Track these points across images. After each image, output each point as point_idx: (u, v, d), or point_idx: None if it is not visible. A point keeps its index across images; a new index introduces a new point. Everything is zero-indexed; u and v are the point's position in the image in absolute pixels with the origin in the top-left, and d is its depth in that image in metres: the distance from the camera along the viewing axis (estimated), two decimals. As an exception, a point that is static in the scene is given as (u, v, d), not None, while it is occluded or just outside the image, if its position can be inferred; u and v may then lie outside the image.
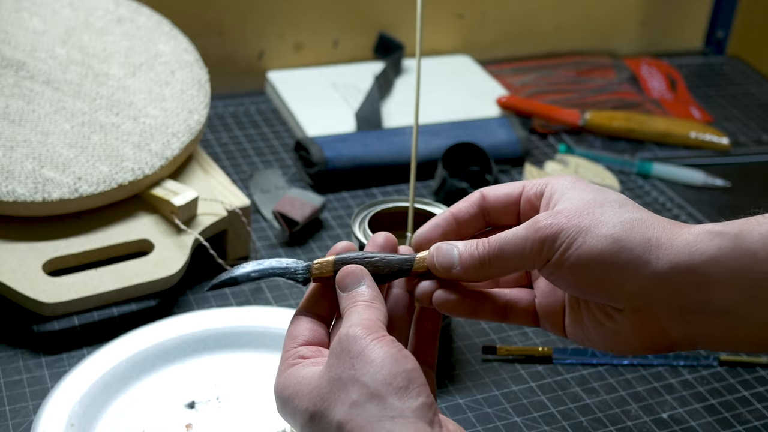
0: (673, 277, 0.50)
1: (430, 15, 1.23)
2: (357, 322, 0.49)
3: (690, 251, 0.50)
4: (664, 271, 0.50)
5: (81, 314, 0.75)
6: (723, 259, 0.50)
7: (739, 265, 0.50)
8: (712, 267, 0.50)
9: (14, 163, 0.76)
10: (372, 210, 0.73)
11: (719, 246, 0.50)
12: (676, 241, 0.51)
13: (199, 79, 0.88)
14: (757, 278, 0.50)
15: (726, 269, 0.50)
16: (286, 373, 0.52)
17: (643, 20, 1.36)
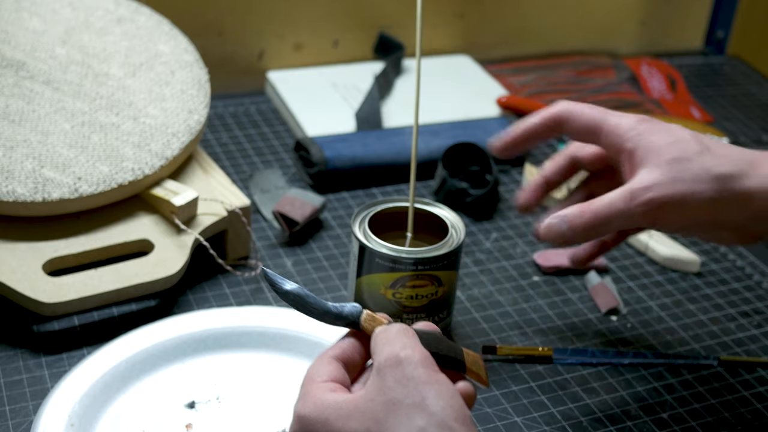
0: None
1: (430, 15, 1.23)
2: (413, 348, 0.50)
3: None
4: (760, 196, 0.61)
5: (81, 314, 0.75)
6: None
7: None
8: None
9: (14, 163, 0.76)
10: (372, 210, 0.73)
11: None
12: (760, 171, 0.61)
13: (199, 79, 0.88)
14: None
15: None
16: (318, 397, 0.51)
17: (643, 20, 1.35)
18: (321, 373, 0.52)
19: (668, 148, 0.63)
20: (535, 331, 0.78)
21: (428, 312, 0.72)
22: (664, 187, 0.61)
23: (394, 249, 0.70)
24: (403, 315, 0.71)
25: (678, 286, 0.86)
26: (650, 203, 0.62)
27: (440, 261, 0.70)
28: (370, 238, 0.71)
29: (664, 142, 0.63)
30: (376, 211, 0.73)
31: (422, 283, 0.70)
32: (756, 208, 0.61)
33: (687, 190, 0.61)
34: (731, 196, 0.61)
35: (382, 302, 0.71)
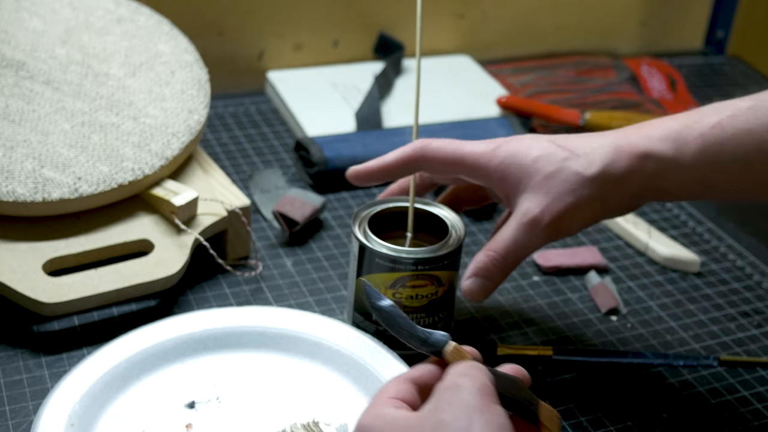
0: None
1: (430, 15, 1.23)
2: (474, 377, 0.51)
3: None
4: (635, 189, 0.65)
5: (81, 314, 0.75)
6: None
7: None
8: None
9: (14, 163, 0.76)
10: (372, 210, 0.73)
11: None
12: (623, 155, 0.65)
13: (199, 79, 0.88)
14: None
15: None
16: (378, 410, 0.52)
17: (643, 20, 1.36)
18: (390, 390, 0.53)
19: (537, 165, 0.65)
20: (535, 331, 0.78)
21: (428, 312, 0.72)
22: (553, 207, 0.64)
23: (394, 249, 0.70)
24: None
25: (678, 286, 0.86)
26: (549, 227, 0.65)
27: (440, 261, 0.70)
28: (370, 238, 0.71)
29: (528, 161, 0.65)
30: (376, 211, 0.73)
31: (422, 283, 0.70)
32: (634, 188, 0.65)
33: (574, 200, 0.64)
34: (611, 188, 0.64)
35: None
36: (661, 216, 0.97)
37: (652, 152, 0.64)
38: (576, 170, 0.64)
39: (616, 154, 0.64)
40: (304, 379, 0.70)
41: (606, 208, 0.66)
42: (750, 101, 0.63)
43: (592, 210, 0.65)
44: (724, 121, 0.63)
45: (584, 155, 0.65)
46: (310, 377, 0.70)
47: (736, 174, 0.63)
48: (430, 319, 0.72)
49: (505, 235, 0.66)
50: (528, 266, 0.87)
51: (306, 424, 0.65)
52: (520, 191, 0.65)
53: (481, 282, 0.67)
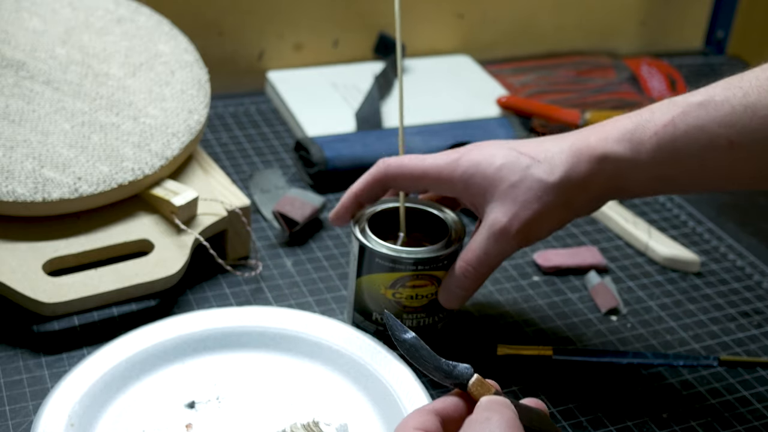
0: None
1: (430, 15, 1.23)
2: (502, 412, 0.52)
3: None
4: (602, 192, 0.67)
5: (81, 314, 0.75)
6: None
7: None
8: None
9: (14, 163, 0.76)
10: (372, 209, 0.73)
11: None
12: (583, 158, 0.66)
13: (199, 79, 0.88)
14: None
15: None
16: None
17: (643, 20, 1.36)
18: (414, 420, 0.53)
19: (500, 174, 0.66)
20: (535, 331, 0.78)
21: (428, 312, 0.72)
22: (520, 215, 0.66)
23: (394, 249, 0.70)
24: (403, 315, 0.71)
25: (678, 286, 0.86)
26: (517, 236, 0.66)
27: (440, 261, 0.70)
28: (369, 238, 0.71)
29: (492, 171, 0.67)
30: (376, 211, 0.73)
31: (422, 283, 0.70)
32: (595, 190, 0.66)
33: (539, 207, 0.66)
34: (574, 192, 0.66)
35: (382, 302, 0.71)
36: (661, 216, 0.97)
37: (609, 154, 0.65)
38: (539, 177, 0.65)
39: (576, 158, 0.65)
40: (304, 379, 0.70)
41: (570, 211, 0.67)
42: (700, 96, 0.64)
43: (557, 214, 0.67)
44: (677, 118, 0.64)
45: (546, 161, 0.66)
46: (310, 377, 0.70)
47: (692, 169, 0.64)
48: (430, 319, 0.72)
49: (476, 246, 0.68)
50: (528, 266, 0.87)
51: (306, 424, 0.65)
52: (487, 200, 0.67)
53: (456, 292, 0.70)
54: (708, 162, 0.64)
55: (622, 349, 0.77)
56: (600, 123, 0.68)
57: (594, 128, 0.67)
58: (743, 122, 0.62)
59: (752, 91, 0.62)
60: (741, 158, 0.63)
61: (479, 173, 0.67)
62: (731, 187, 0.67)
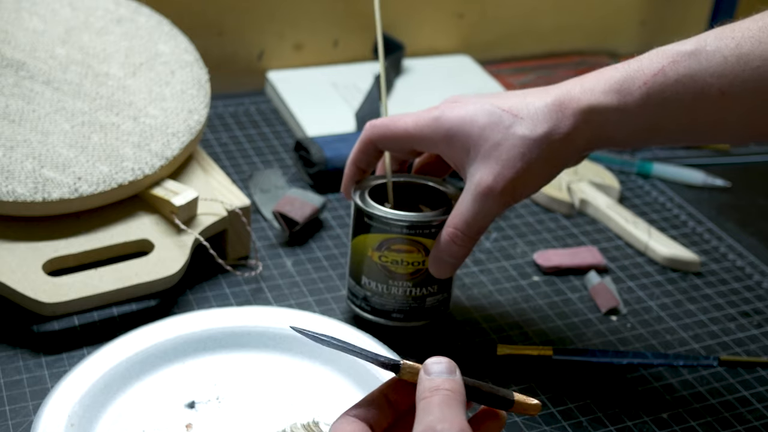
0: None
1: (430, 15, 1.23)
2: (452, 422, 0.48)
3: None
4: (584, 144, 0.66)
5: (81, 314, 0.75)
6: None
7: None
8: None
9: (14, 163, 0.76)
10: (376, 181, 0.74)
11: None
12: (568, 112, 0.65)
13: (199, 79, 0.88)
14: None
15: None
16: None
17: (643, 20, 1.36)
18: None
19: (483, 134, 0.66)
20: (535, 331, 0.78)
21: (415, 282, 0.72)
22: (505, 174, 0.65)
23: (383, 210, 0.70)
24: (390, 281, 0.72)
25: (678, 286, 0.86)
26: (503, 194, 0.65)
27: (429, 227, 0.70)
28: (365, 201, 0.71)
29: (476, 130, 0.66)
30: (379, 182, 0.74)
31: (409, 248, 0.70)
32: (581, 142, 0.66)
33: (524, 164, 0.65)
34: (559, 147, 0.65)
35: (369, 265, 0.71)
36: (661, 216, 0.97)
37: (596, 105, 0.64)
38: (522, 134, 0.65)
39: (561, 112, 0.65)
40: (304, 379, 0.70)
41: (556, 166, 0.67)
42: (691, 45, 0.63)
43: (543, 170, 0.66)
44: (667, 67, 0.63)
45: (528, 117, 0.65)
46: (310, 377, 0.70)
47: (682, 120, 0.64)
48: (418, 291, 0.72)
49: (462, 208, 0.67)
50: (528, 266, 0.87)
51: (306, 424, 0.65)
52: (470, 160, 0.66)
53: (445, 260, 0.69)
54: (698, 112, 0.63)
55: (622, 349, 0.77)
56: (584, 75, 0.67)
57: (579, 80, 0.66)
58: (735, 72, 0.61)
59: (745, 41, 0.61)
60: (731, 109, 0.62)
61: (462, 133, 0.66)
62: (720, 140, 0.66)
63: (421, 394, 0.50)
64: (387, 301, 0.73)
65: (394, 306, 0.73)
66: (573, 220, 0.95)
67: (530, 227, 0.92)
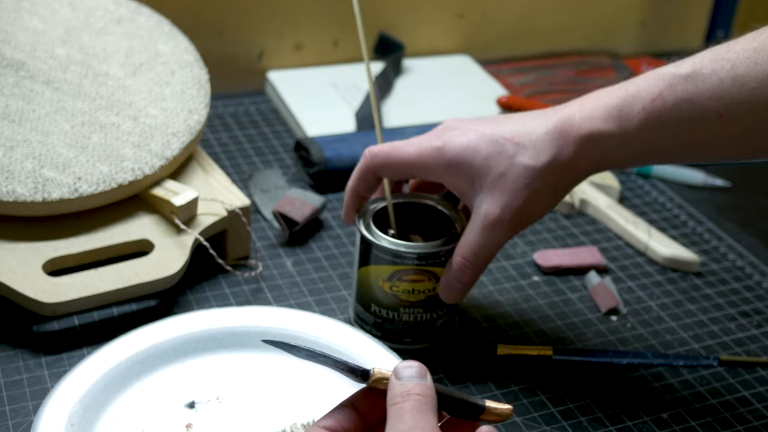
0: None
1: (430, 15, 1.23)
2: (424, 429, 0.48)
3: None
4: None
5: (81, 314, 0.75)
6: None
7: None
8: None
9: (14, 163, 0.76)
10: (377, 205, 0.73)
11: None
12: (570, 139, 0.66)
13: (199, 79, 0.88)
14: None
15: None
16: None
17: (643, 20, 1.36)
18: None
19: (487, 164, 0.66)
20: (535, 331, 0.78)
21: (425, 308, 0.72)
22: (512, 204, 0.66)
23: (394, 243, 0.70)
24: (401, 309, 0.72)
25: (678, 286, 0.86)
26: (511, 224, 0.66)
27: (439, 257, 0.70)
28: (372, 231, 0.71)
29: (479, 161, 0.66)
30: (382, 206, 0.73)
31: (420, 278, 0.70)
32: (582, 168, 0.67)
33: (529, 193, 0.66)
34: (562, 173, 0.66)
35: (380, 294, 0.72)
36: (661, 216, 0.97)
37: (596, 133, 0.65)
38: (527, 164, 0.65)
39: (562, 140, 0.65)
40: (303, 379, 0.70)
41: (560, 191, 0.68)
42: (687, 68, 0.64)
43: (547, 197, 0.67)
44: (665, 92, 0.64)
45: (531, 145, 0.66)
46: (310, 377, 0.70)
47: (680, 142, 0.65)
48: (428, 315, 0.72)
49: (471, 239, 0.67)
50: (528, 266, 0.87)
51: (306, 424, 0.65)
52: (476, 191, 0.67)
53: (455, 287, 0.69)
54: (696, 134, 0.64)
55: (622, 349, 0.77)
56: (582, 98, 0.67)
57: (577, 104, 0.67)
58: (732, 95, 0.62)
59: (740, 63, 0.62)
60: (729, 129, 0.63)
61: (465, 163, 0.67)
62: (717, 158, 0.67)
63: (391, 399, 0.50)
64: (398, 327, 0.73)
65: (405, 330, 0.73)
66: (573, 220, 0.95)
67: (530, 227, 0.92)
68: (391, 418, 0.49)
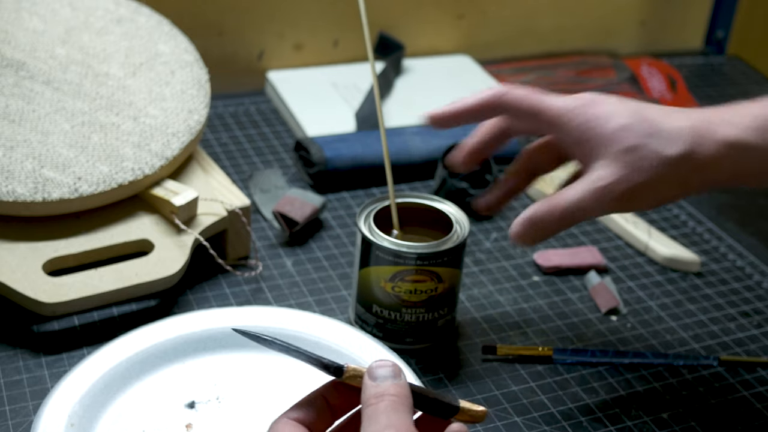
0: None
1: (430, 15, 1.23)
2: (398, 428, 0.47)
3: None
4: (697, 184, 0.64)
5: (81, 314, 0.75)
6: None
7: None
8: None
9: (14, 163, 0.76)
10: (378, 205, 0.74)
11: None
12: (710, 139, 0.63)
13: (199, 79, 0.88)
14: None
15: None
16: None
17: (643, 20, 1.36)
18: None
19: (618, 135, 0.63)
20: (535, 331, 0.78)
21: (427, 308, 0.72)
22: (627, 181, 0.63)
23: (395, 243, 0.70)
24: (402, 309, 0.72)
25: (678, 286, 0.86)
26: (619, 199, 0.63)
27: (441, 257, 0.70)
28: (373, 232, 0.71)
29: (612, 129, 0.64)
30: (382, 206, 0.73)
31: (422, 278, 0.70)
32: (715, 174, 0.64)
33: (648, 178, 0.63)
34: (692, 172, 0.63)
35: (381, 295, 0.72)
36: (661, 216, 0.97)
37: (738, 141, 0.63)
38: (657, 149, 0.63)
39: (702, 139, 0.63)
40: (303, 379, 0.70)
41: (682, 189, 0.65)
42: None
43: (668, 189, 0.64)
44: None
45: (668, 134, 0.63)
46: (310, 377, 0.70)
47: None
48: (429, 315, 0.72)
49: (571, 195, 0.64)
50: (528, 266, 0.87)
51: (306, 424, 0.65)
52: (597, 157, 0.64)
53: (532, 228, 0.65)
54: None
55: (622, 349, 0.77)
56: (726, 107, 0.65)
57: (720, 111, 0.65)
58: None
59: None
60: None
61: (596, 129, 0.64)
62: None
63: (366, 401, 0.49)
64: (400, 327, 0.73)
65: (407, 331, 0.73)
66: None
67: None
68: (366, 419, 0.48)
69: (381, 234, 0.71)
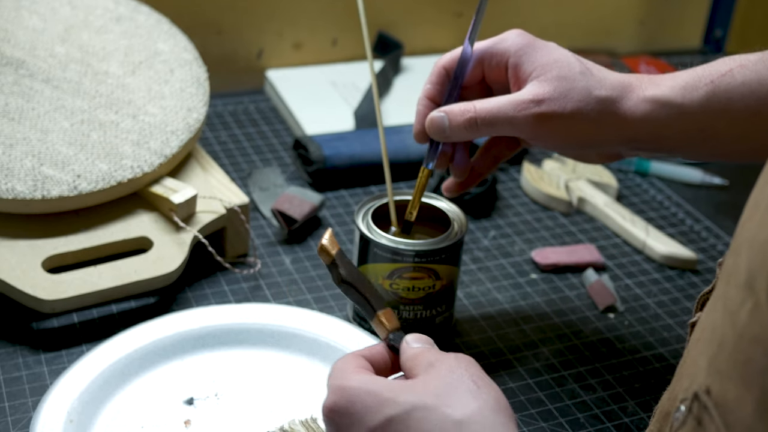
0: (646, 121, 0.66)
1: (428, 14, 1.23)
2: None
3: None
4: (637, 115, 0.65)
5: (80, 311, 0.76)
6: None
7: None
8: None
9: (14, 160, 0.76)
10: (377, 202, 0.74)
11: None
12: (633, 96, 0.65)
13: (198, 77, 0.88)
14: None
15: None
16: (357, 377, 0.53)
17: (642, 19, 1.36)
18: (351, 365, 0.54)
19: (554, 65, 0.66)
20: (533, 329, 0.79)
21: (425, 305, 0.72)
22: (554, 103, 0.65)
23: (393, 240, 0.70)
24: (401, 306, 0.72)
25: (675, 283, 0.86)
26: (540, 116, 0.65)
27: (439, 254, 0.70)
28: (371, 229, 0.71)
29: (548, 59, 0.66)
30: (380, 204, 0.74)
31: (420, 275, 0.71)
32: (628, 131, 0.66)
33: (574, 108, 0.65)
34: (610, 119, 0.65)
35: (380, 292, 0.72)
36: (659, 214, 0.97)
37: (660, 98, 0.65)
38: (587, 86, 0.65)
39: (628, 93, 0.65)
40: (302, 375, 0.70)
41: (594, 138, 0.67)
42: (758, 55, 0.65)
43: (583, 129, 0.66)
44: (735, 70, 0.64)
45: (600, 79, 0.66)
46: (309, 374, 0.70)
47: (741, 122, 0.64)
48: (428, 312, 0.73)
49: (492, 100, 0.66)
50: (526, 264, 0.87)
51: (304, 421, 0.65)
52: (530, 78, 0.66)
53: (444, 121, 0.68)
54: (761, 116, 0.63)
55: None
56: (656, 75, 0.68)
57: (654, 76, 0.67)
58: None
59: None
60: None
61: (532, 54, 0.67)
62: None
63: (404, 355, 0.56)
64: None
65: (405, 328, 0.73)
66: (571, 218, 0.95)
67: (528, 225, 0.93)
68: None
69: (379, 231, 0.71)
